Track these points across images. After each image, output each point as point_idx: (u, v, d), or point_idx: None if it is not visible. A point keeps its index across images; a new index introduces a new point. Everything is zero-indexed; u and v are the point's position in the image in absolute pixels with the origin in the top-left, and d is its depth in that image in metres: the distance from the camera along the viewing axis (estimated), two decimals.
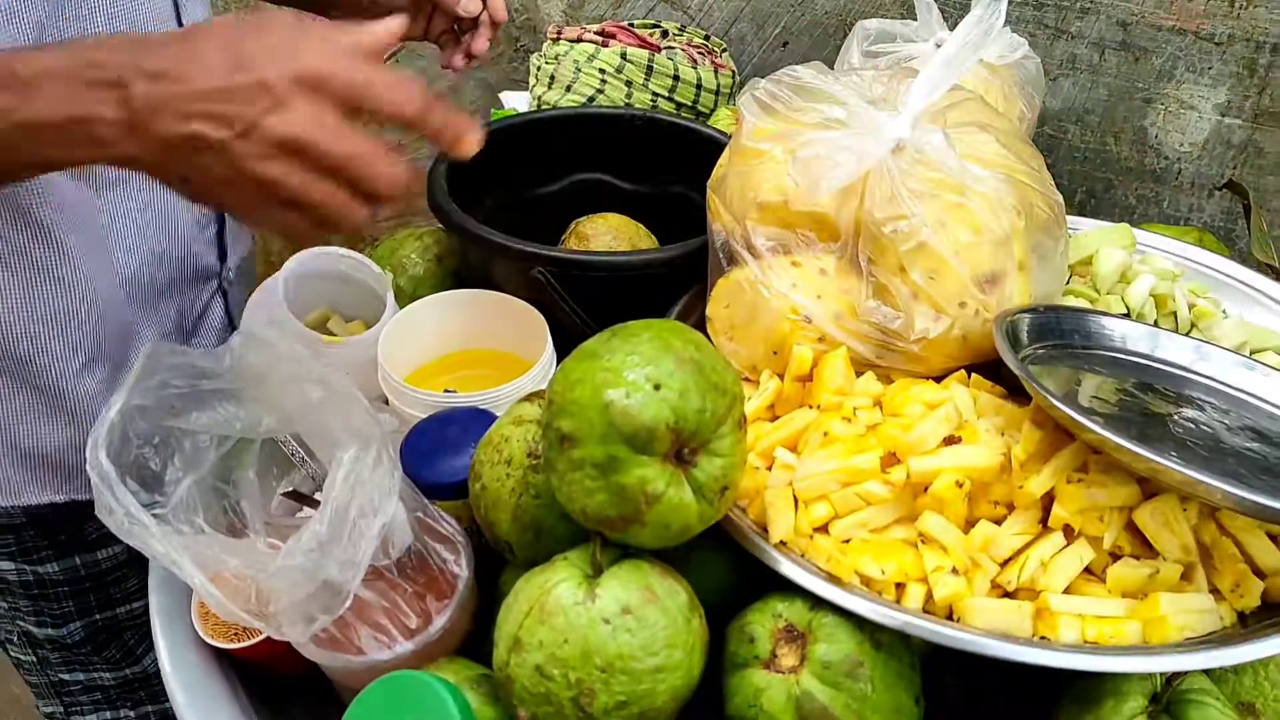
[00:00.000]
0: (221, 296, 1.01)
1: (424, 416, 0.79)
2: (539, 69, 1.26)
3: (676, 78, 1.20)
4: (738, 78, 1.27)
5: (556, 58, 1.23)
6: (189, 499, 0.70)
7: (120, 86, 0.51)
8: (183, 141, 0.52)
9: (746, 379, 0.76)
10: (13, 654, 1.00)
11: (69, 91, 0.52)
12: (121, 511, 0.63)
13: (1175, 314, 0.83)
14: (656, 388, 0.56)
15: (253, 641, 0.71)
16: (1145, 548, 0.62)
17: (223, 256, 0.99)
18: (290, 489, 0.74)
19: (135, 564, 0.95)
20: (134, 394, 0.68)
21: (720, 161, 0.81)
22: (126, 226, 0.85)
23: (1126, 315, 0.81)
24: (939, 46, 0.93)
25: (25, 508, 0.87)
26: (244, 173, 0.53)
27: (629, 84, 1.20)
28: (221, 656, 0.73)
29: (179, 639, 0.73)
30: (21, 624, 0.96)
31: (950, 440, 0.64)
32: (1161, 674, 0.60)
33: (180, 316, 0.94)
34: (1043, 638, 0.59)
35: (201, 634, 0.73)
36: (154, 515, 0.65)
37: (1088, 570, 0.61)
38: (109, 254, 0.85)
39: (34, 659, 0.98)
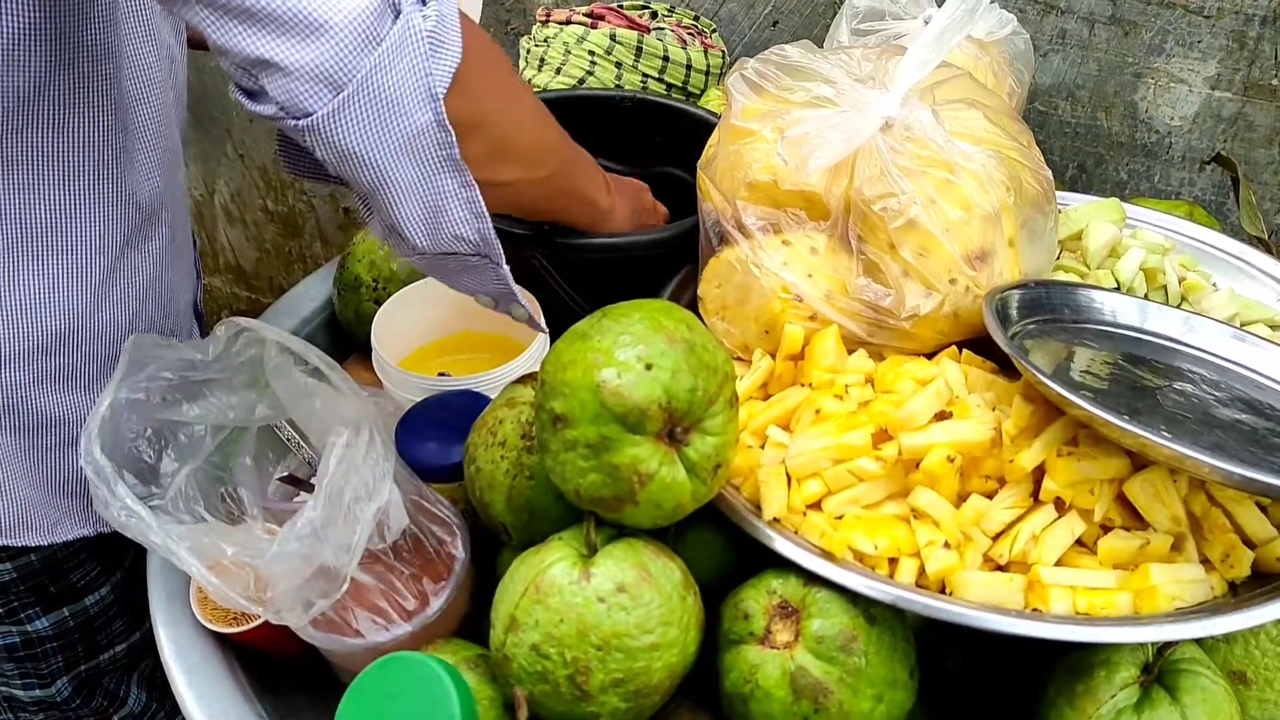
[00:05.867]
0: (196, 320, 1.01)
1: (418, 400, 0.79)
2: (529, 52, 1.25)
3: (666, 58, 1.20)
4: (728, 58, 1.27)
5: (546, 40, 1.23)
6: (187, 489, 0.71)
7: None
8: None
9: (739, 358, 0.76)
10: None
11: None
12: (118, 505, 0.64)
13: (1165, 287, 0.83)
14: (648, 367, 0.57)
15: (251, 625, 0.72)
16: (1136, 519, 0.62)
17: (196, 277, 1.00)
18: (287, 473, 0.74)
19: (121, 604, 0.94)
20: (123, 388, 0.69)
21: (710, 141, 0.81)
22: (166, 249, 0.87)
23: (1117, 289, 0.81)
24: (927, 23, 0.92)
25: (17, 563, 0.86)
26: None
27: (619, 65, 1.19)
28: (221, 640, 0.73)
29: (178, 624, 0.73)
30: (4, 689, 0.94)
31: (941, 416, 0.64)
32: (1153, 644, 0.60)
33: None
34: (1035, 610, 0.60)
35: (200, 619, 0.73)
36: (152, 507, 0.65)
37: (1079, 542, 0.62)
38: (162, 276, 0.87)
39: None
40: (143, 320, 0.85)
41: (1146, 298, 0.81)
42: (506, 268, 0.70)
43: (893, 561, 0.61)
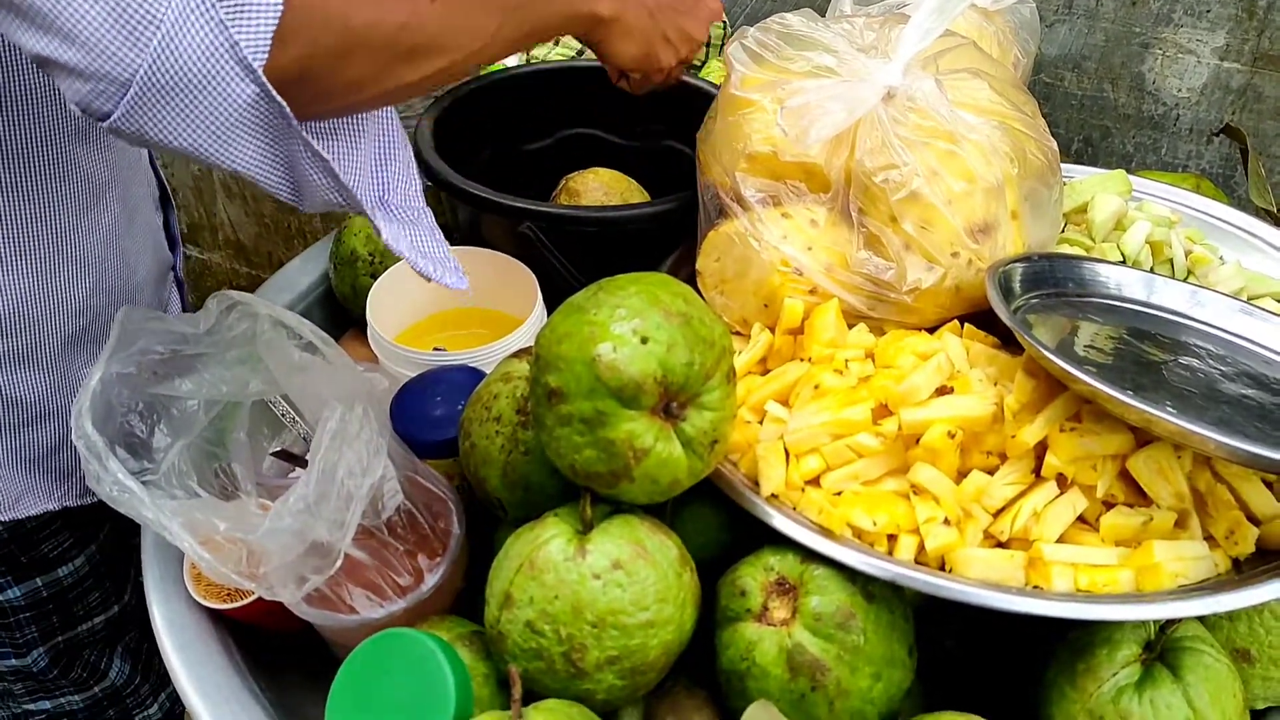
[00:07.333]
0: (177, 287, 1.00)
1: (414, 375, 0.79)
2: None
3: None
4: (728, 29, 1.25)
5: None
6: (180, 464, 0.70)
7: None
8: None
9: (737, 333, 0.75)
10: None
11: None
12: (110, 480, 0.63)
13: (1171, 261, 0.82)
14: (644, 341, 0.56)
15: (245, 602, 0.71)
16: (1139, 496, 0.61)
17: (173, 245, 0.98)
18: (280, 449, 0.74)
19: (97, 576, 0.93)
20: (113, 362, 0.68)
21: (709, 113, 0.79)
22: (118, 222, 0.85)
23: (1122, 263, 0.80)
24: None
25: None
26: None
27: None
28: (215, 617, 0.73)
29: (172, 600, 0.73)
30: None
31: (942, 391, 0.64)
32: (1155, 622, 0.60)
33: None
34: (1036, 587, 0.59)
35: (194, 595, 0.72)
36: (144, 482, 0.65)
37: (1081, 519, 0.61)
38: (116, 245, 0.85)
39: None
40: (101, 294, 0.83)
41: (1152, 271, 0.80)
42: (390, 232, 0.64)
43: (892, 538, 0.61)
